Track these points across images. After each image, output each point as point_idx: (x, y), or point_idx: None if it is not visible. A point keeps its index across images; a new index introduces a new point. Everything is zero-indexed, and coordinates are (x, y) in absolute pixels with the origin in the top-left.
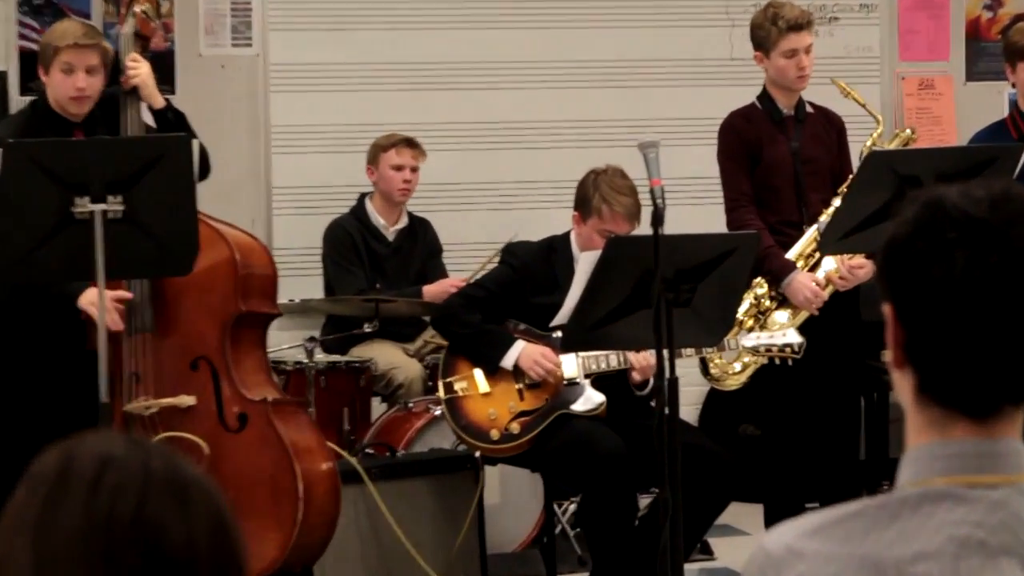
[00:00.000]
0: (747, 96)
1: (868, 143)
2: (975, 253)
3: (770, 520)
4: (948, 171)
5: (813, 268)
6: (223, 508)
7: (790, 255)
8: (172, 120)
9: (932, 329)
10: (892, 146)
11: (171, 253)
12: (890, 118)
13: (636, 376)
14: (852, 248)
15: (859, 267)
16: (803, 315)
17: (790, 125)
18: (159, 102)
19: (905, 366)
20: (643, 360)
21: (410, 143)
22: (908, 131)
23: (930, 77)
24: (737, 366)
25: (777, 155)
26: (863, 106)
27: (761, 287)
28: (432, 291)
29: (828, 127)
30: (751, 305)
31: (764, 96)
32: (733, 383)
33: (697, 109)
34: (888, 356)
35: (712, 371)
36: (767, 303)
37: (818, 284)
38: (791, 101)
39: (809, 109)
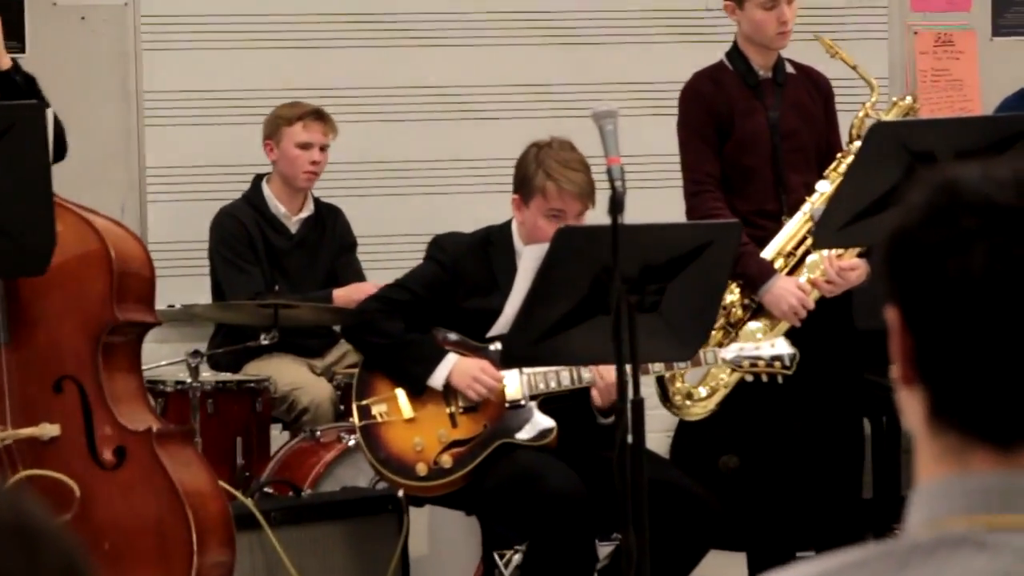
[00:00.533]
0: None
1: (860, 114)
2: (998, 245)
3: (754, 572)
4: (969, 146)
5: (794, 269)
6: (81, 561)
7: (767, 254)
8: (21, 85)
9: (947, 337)
10: (890, 117)
11: (21, 248)
12: (900, 81)
13: (597, 398)
14: (854, 240)
15: (851, 269)
16: (782, 327)
17: (768, 90)
18: (4, 62)
19: (915, 383)
20: (606, 377)
21: (320, 116)
22: (908, 99)
23: (948, 32)
24: (703, 390)
25: (751, 128)
26: (853, 68)
27: (731, 293)
28: (343, 295)
29: (814, 93)
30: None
31: (735, 54)
32: (699, 411)
33: (664, 71)
34: (895, 371)
35: (673, 396)
36: (738, 312)
37: (803, 290)
38: (768, 60)
39: (790, 69)
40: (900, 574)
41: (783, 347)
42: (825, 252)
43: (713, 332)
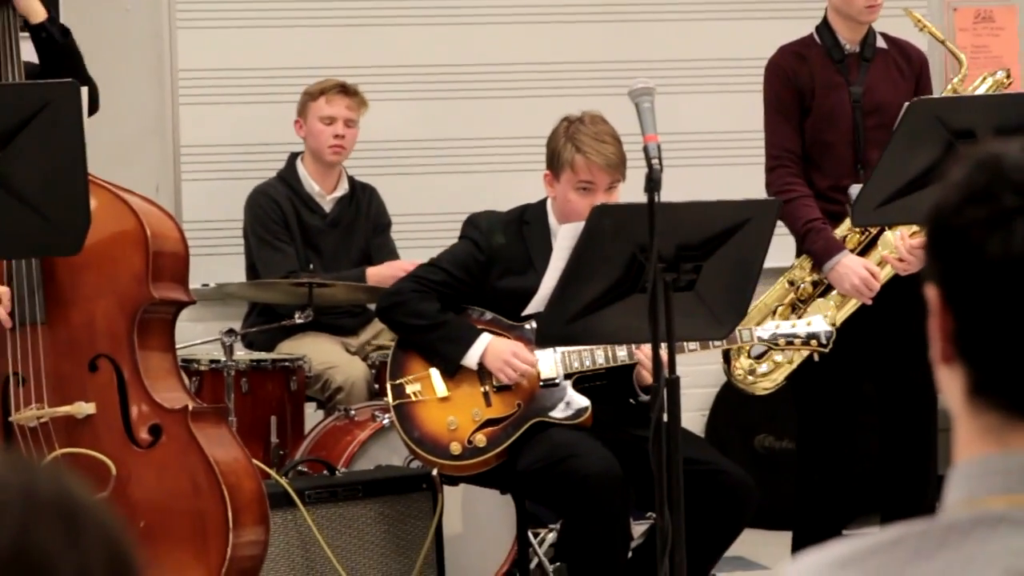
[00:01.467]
0: (764, 34)
1: (947, 89)
2: None
3: (798, 549)
4: (1009, 123)
5: (868, 248)
6: (121, 537)
7: (840, 231)
8: (59, 41)
9: (988, 316)
10: (981, 91)
11: (55, 227)
12: (940, 59)
13: (645, 375)
14: (892, 218)
15: (922, 247)
16: (852, 305)
17: (853, 65)
18: (40, 13)
19: (954, 362)
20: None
21: (345, 90)
22: (1001, 73)
23: (988, 7)
24: (764, 366)
25: (833, 103)
26: (942, 43)
27: (801, 268)
28: (378, 274)
29: (906, 67)
30: (786, 290)
31: (824, 27)
32: (766, 386)
33: (701, 48)
34: (934, 350)
35: (735, 372)
36: (808, 288)
37: (870, 270)
38: (856, 35)
39: (881, 44)
40: (937, 553)
41: (820, 325)
42: (899, 230)
43: (781, 308)
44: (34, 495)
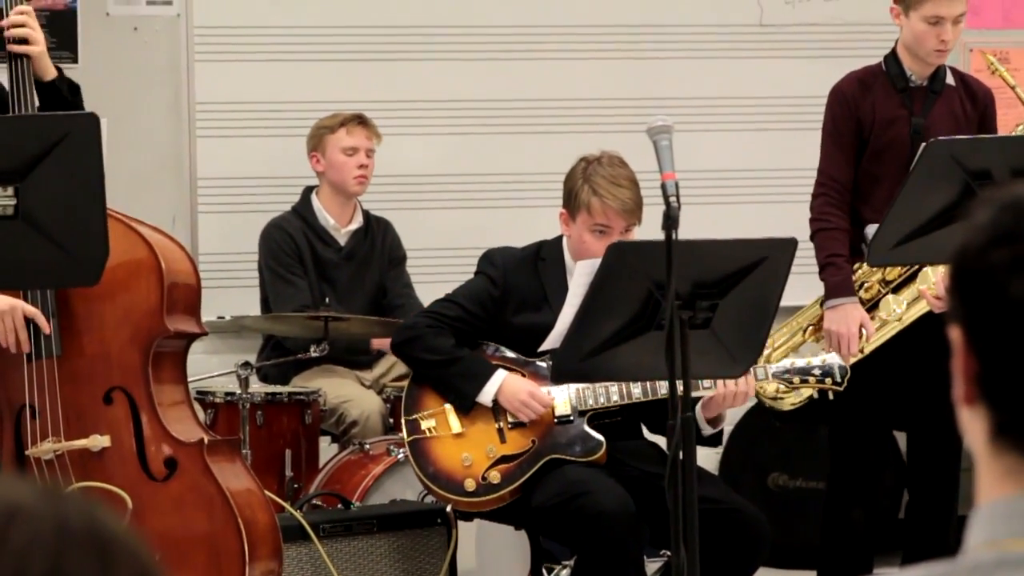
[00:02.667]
0: (783, 72)
1: (1018, 130)
2: None
3: None
4: None
5: (908, 281)
6: (152, 566)
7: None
8: (66, 95)
9: (1011, 358)
10: None
11: (74, 258)
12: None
13: (714, 408)
14: (908, 258)
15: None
16: (921, 307)
17: (918, 97)
18: (52, 71)
19: (977, 403)
20: (730, 387)
21: (363, 121)
22: None
23: (1005, 49)
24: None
25: (891, 136)
26: (1012, 88)
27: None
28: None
29: (969, 105)
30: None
31: (891, 58)
32: (792, 400)
33: (718, 86)
34: (957, 391)
35: (763, 390)
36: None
37: (865, 327)
38: (925, 70)
39: (950, 81)
40: None
41: (834, 361)
42: (940, 268)
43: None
44: (66, 525)
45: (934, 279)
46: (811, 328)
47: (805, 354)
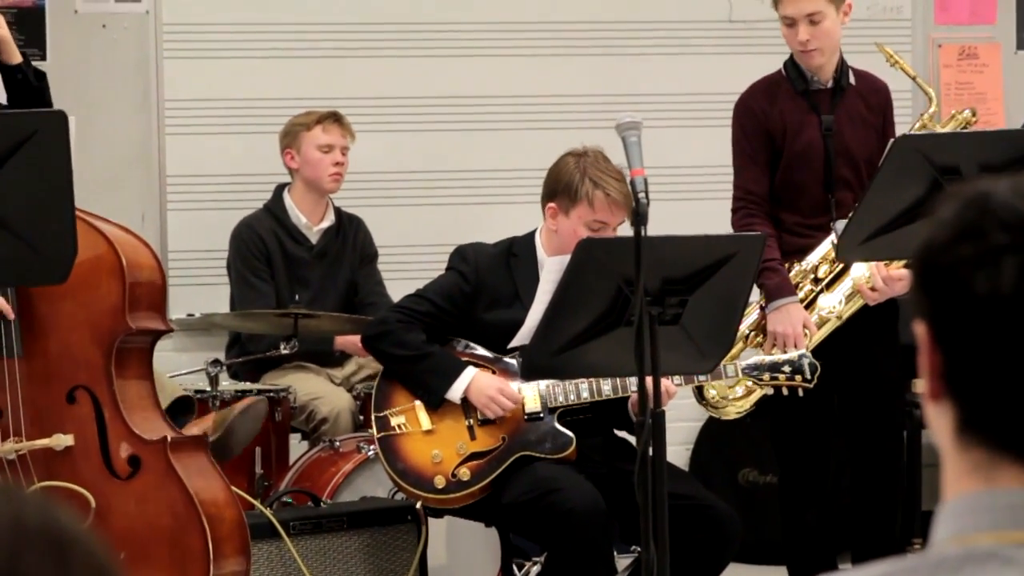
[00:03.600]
0: (750, 68)
1: (916, 125)
2: None
3: None
4: (994, 160)
5: (840, 275)
6: (110, 567)
7: (812, 258)
8: (33, 82)
9: (976, 353)
10: (947, 130)
11: (42, 257)
12: (923, 95)
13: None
14: (877, 254)
15: (898, 279)
16: (859, 301)
17: (823, 100)
18: (17, 55)
19: (943, 398)
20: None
21: (337, 118)
22: (967, 112)
23: (973, 44)
24: (739, 390)
25: (803, 142)
26: (914, 79)
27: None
28: (346, 341)
29: (872, 103)
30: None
31: (790, 63)
32: (735, 410)
33: (688, 83)
34: (922, 386)
35: (708, 396)
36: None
37: (807, 325)
38: (826, 71)
39: (852, 80)
40: None
41: (804, 359)
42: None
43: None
44: (23, 524)
45: (867, 273)
46: (751, 335)
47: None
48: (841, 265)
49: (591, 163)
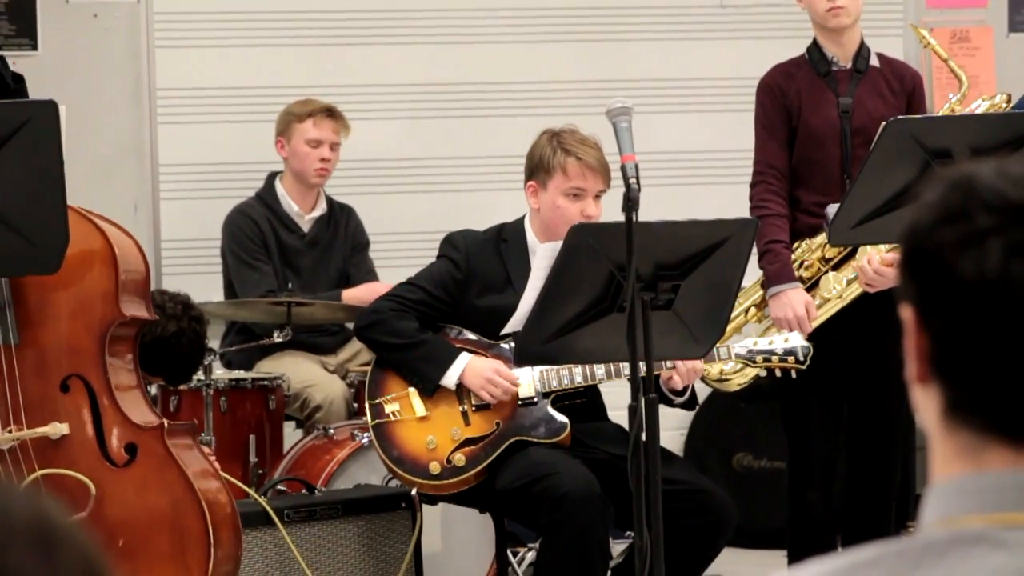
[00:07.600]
0: (741, 54)
1: (946, 109)
2: (1013, 243)
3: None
4: (985, 143)
5: (846, 259)
6: (98, 559)
7: (821, 238)
8: (10, 85)
9: (962, 336)
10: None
11: (34, 247)
12: (944, 79)
13: (677, 379)
14: (869, 238)
15: (891, 264)
16: (855, 290)
17: (843, 80)
18: None
19: (930, 381)
20: (688, 362)
21: (331, 113)
22: (1000, 97)
23: (965, 28)
24: (737, 364)
25: (820, 120)
26: (945, 61)
27: (755, 291)
28: (354, 296)
29: (897, 86)
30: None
31: (813, 46)
32: (739, 382)
33: (678, 68)
34: (909, 370)
35: (709, 376)
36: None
37: (809, 310)
38: (846, 51)
39: (874, 62)
40: (914, 572)
41: (797, 341)
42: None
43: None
44: (9, 517)
45: (867, 259)
46: (752, 309)
47: (749, 335)
48: (841, 256)
49: (563, 136)
